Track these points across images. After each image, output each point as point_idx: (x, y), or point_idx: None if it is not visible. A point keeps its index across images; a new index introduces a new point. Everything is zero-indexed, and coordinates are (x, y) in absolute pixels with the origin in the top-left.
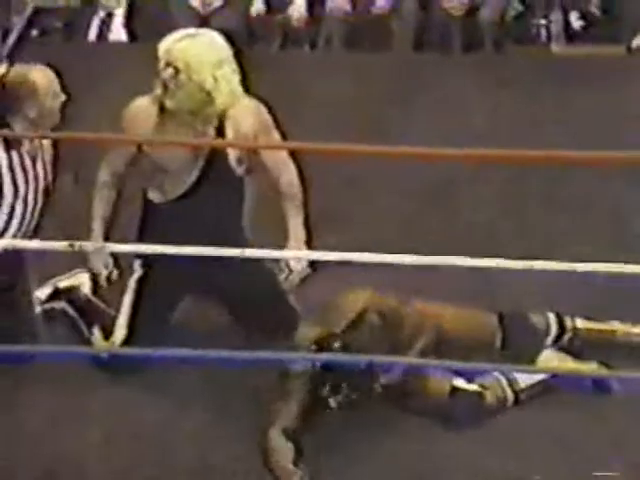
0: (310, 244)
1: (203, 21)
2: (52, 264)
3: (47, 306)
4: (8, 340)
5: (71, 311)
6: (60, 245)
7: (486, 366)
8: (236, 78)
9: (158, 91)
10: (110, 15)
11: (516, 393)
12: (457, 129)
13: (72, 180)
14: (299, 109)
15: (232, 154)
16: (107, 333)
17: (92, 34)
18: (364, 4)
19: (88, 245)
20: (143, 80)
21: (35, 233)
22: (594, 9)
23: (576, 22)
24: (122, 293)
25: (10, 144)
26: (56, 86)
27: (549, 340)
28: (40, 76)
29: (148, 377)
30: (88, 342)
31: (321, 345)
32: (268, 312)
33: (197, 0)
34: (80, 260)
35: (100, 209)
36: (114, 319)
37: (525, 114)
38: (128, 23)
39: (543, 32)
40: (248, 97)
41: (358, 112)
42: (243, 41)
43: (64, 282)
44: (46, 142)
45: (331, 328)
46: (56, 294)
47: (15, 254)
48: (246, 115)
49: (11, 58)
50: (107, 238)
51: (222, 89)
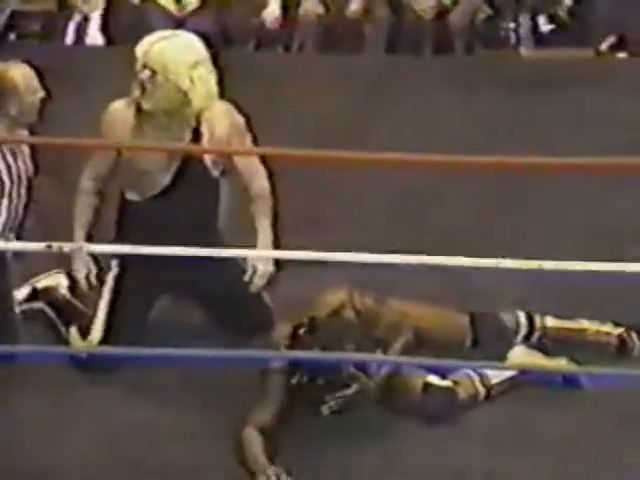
0: (279, 246)
1: (178, 24)
2: (32, 264)
3: (25, 306)
4: None
5: (49, 311)
6: (38, 246)
7: (460, 363)
8: (212, 79)
9: (136, 93)
10: (86, 19)
11: (487, 389)
12: (428, 130)
13: (50, 181)
14: (272, 111)
15: (208, 157)
16: (85, 333)
17: (69, 38)
18: (337, 7)
19: (66, 246)
20: (120, 83)
21: (20, 229)
22: (562, 13)
23: (544, 26)
24: (100, 292)
25: None
26: (35, 82)
27: (519, 338)
28: (19, 73)
29: (126, 376)
30: (66, 342)
31: (291, 336)
32: (244, 311)
33: (172, 4)
34: (59, 260)
35: (82, 214)
36: (92, 319)
37: (494, 116)
38: (104, 27)
39: (512, 35)
40: (221, 100)
41: (331, 114)
42: (218, 44)
43: (42, 282)
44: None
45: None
46: (34, 294)
47: None
48: (220, 118)
49: None
50: (89, 241)
51: (198, 90)
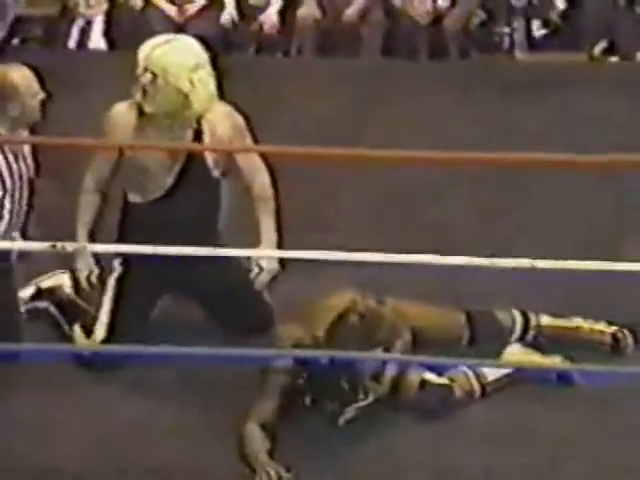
0: (282, 244)
1: (179, 29)
2: (36, 264)
3: (30, 306)
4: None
5: (53, 310)
6: (42, 246)
7: (456, 361)
8: (212, 82)
9: (137, 96)
10: (89, 23)
11: (483, 386)
12: (424, 132)
13: (52, 182)
14: (272, 114)
15: (209, 157)
16: (88, 331)
17: (72, 42)
18: (334, 12)
19: (70, 246)
20: (122, 86)
21: (23, 229)
22: (555, 18)
23: (538, 30)
24: (103, 292)
25: None
26: (35, 84)
27: (514, 337)
28: (19, 75)
29: (128, 374)
30: (70, 340)
31: (301, 347)
32: (244, 310)
33: (173, 8)
34: (63, 260)
35: (85, 215)
36: (95, 317)
37: (489, 118)
38: (107, 31)
39: (506, 40)
40: (221, 102)
41: (328, 116)
42: (218, 48)
43: (46, 282)
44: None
45: (312, 329)
46: (39, 294)
47: (2, 254)
48: (222, 119)
49: None
50: (92, 242)
51: (199, 93)
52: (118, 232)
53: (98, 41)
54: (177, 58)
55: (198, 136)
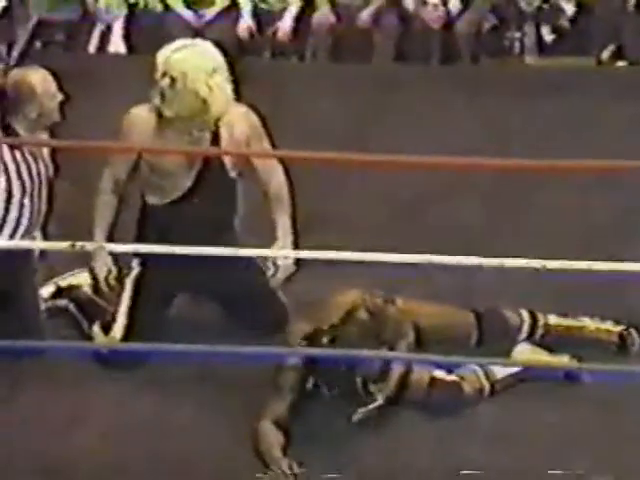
0: (297, 243)
1: (196, 34)
2: (56, 263)
3: (50, 304)
4: (15, 336)
5: (73, 308)
6: (62, 245)
7: (465, 359)
8: (229, 86)
9: (156, 100)
10: (109, 28)
11: (492, 384)
12: (435, 135)
13: (71, 183)
14: (287, 117)
15: (227, 158)
16: (107, 329)
17: (92, 46)
18: (348, 17)
19: (89, 245)
20: (141, 89)
21: (43, 229)
22: (565, 23)
23: (548, 35)
24: (121, 291)
25: (13, 145)
26: (53, 86)
27: (522, 336)
28: (37, 77)
29: (145, 372)
30: (89, 338)
31: (311, 340)
32: (259, 308)
33: (191, 13)
34: (83, 259)
35: (103, 216)
36: (113, 315)
37: (500, 122)
38: (126, 35)
39: (517, 45)
40: (239, 104)
41: (341, 119)
42: (235, 53)
43: (66, 281)
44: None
45: (321, 324)
46: (58, 292)
47: (22, 252)
48: (239, 121)
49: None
50: (110, 242)
51: (216, 97)
52: (136, 233)
53: (118, 45)
54: (195, 62)
55: (216, 138)
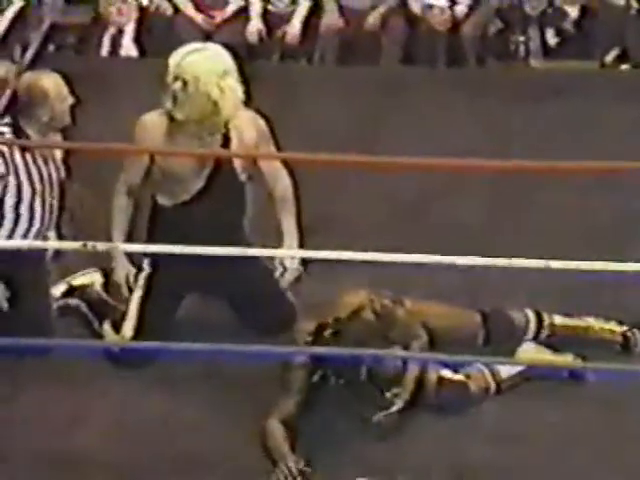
0: (303, 245)
1: (207, 37)
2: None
3: (61, 302)
4: (26, 335)
5: (84, 307)
6: (74, 245)
7: (471, 358)
8: (239, 89)
9: (168, 104)
10: (121, 31)
11: (498, 383)
12: (441, 137)
13: (84, 184)
14: (295, 119)
15: (237, 162)
16: (117, 328)
17: (104, 49)
18: (356, 21)
19: (100, 245)
20: (152, 92)
21: (57, 230)
22: (569, 26)
23: (552, 39)
24: (131, 290)
25: (24, 148)
26: (64, 90)
27: (528, 336)
28: (49, 82)
29: (155, 370)
30: (99, 336)
31: (314, 334)
32: (268, 308)
33: (201, 17)
34: (94, 259)
35: (119, 219)
36: (124, 315)
37: (505, 124)
38: (138, 39)
39: (522, 48)
40: (246, 109)
41: (349, 121)
42: (244, 56)
43: (77, 280)
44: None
45: (326, 321)
46: (70, 291)
47: (34, 253)
48: (247, 126)
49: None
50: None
51: (228, 99)
52: (147, 234)
53: (129, 48)
54: (207, 66)
55: (226, 143)
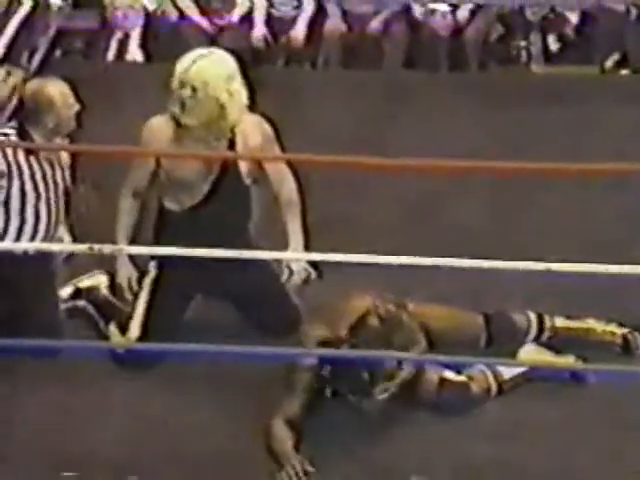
0: (309, 247)
1: (212, 42)
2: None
3: (69, 304)
4: (36, 335)
5: (90, 309)
6: (80, 248)
7: (473, 360)
8: (244, 93)
9: (175, 109)
10: (127, 36)
11: (500, 384)
12: (443, 141)
13: (90, 187)
14: (299, 122)
15: (243, 166)
16: (123, 329)
17: (110, 54)
18: (359, 25)
19: (106, 248)
20: (158, 97)
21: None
22: (570, 32)
23: (554, 44)
24: (138, 292)
25: (29, 151)
26: (70, 97)
27: (530, 338)
28: (55, 88)
29: (161, 371)
30: (106, 338)
31: (327, 346)
32: (272, 310)
33: (206, 22)
34: (100, 262)
35: (123, 222)
36: (130, 316)
37: (506, 128)
38: (143, 44)
39: (523, 53)
40: (252, 114)
41: (352, 124)
42: (249, 60)
43: (84, 282)
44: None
45: (335, 330)
46: (77, 293)
47: (41, 256)
48: (253, 130)
49: (36, 76)
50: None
51: (235, 103)
52: (154, 237)
53: (135, 53)
54: (215, 71)
55: (232, 147)
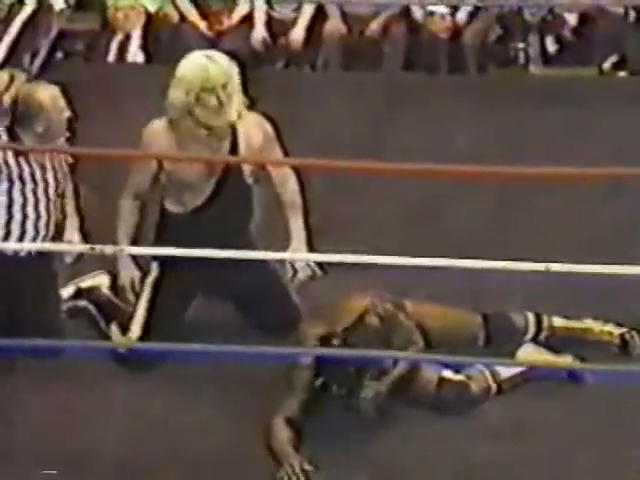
0: (311, 245)
1: (211, 44)
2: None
3: (70, 304)
4: (37, 335)
5: (92, 309)
6: (82, 248)
7: (472, 359)
8: (240, 93)
9: (174, 112)
10: (128, 37)
11: (498, 383)
12: (443, 143)
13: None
14: (299, 124)
15: (246, 167)
16: (125, 329)
17: (111, 56)
18: (358, 27)
19: (108, 249)
20: (159, 99)
21: (55, 239)
22: (568, 33)
23: (552, 46)
24: (140, 292)
25: (19, 153)
26: (61, 102)
27: (528, 337)
28: (46, 94)
29: (162, 371)
30: (107, 338)
31: (322, 342)
32: (273, 310)
33: (206, 24)
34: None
35: (125, 224)
36: (131, 316)
37: (505, 129)
38: (144, 45)
39: (521, 55)
40: (253, 112)
41: (351, 126)
42: (249, 62)
43: (86, 282)
44: (59, 154)
45: (333, 327)
46: (78, 293)
47: (43, 257)
48: (254, 129)
49: (38, 78)
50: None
51: (233, 103)
52: (155, 240)
53: (136, 55)
54: (214, 73)
55: (234, 148)
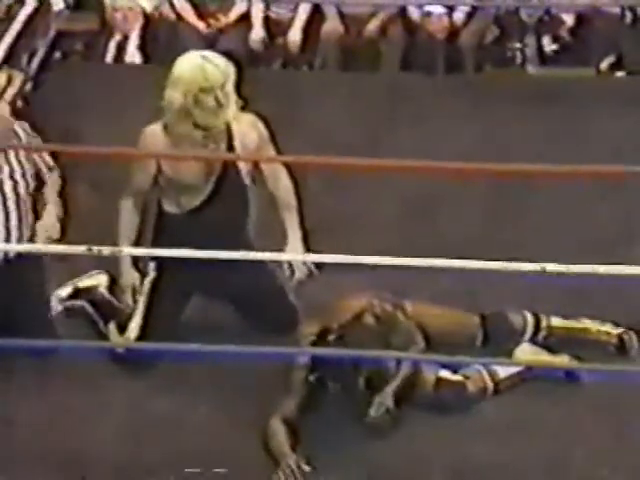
0: (307, 243)
1: (209, 44)
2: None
3: (68, 304)
4: (31, 335)
5: (89, 308)
6: (79, 249)
7: (469, 359)
8: (234, 95)
9: (170, 115)
10: (126, 38)
11: (496, 383)
12: (440, 143)
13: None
14: (297, 124)
15: (243, 167)
16: (122, 329)
17: (109, 56)
18: (356, 28)
19: (105, 250)
20: (156, 99)
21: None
22: (565, 34)
23: (549, 46)
24: (137, 293)
25: None
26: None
27: (526, 337)
28: None
29: (159, 371)
30: (104, 338)
31: (318, 338)
32: (271, 310)
33: (203, 25)
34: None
35: (125, 227)
36: (129, 316)
37: (502, 130)
38: (142, 46)
39: (518, 55)
40: (246, 113)
41: (349, 126)
42: (247, 63)
43: (83, 282)
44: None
45: (330, 325)
46: (76, 293)
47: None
48: (249, 130)
49: (36, 79)
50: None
51: (230, 103)
52: (153, 241)
53: (134, 55)
54: (210, 74)
55: (230, 148)
